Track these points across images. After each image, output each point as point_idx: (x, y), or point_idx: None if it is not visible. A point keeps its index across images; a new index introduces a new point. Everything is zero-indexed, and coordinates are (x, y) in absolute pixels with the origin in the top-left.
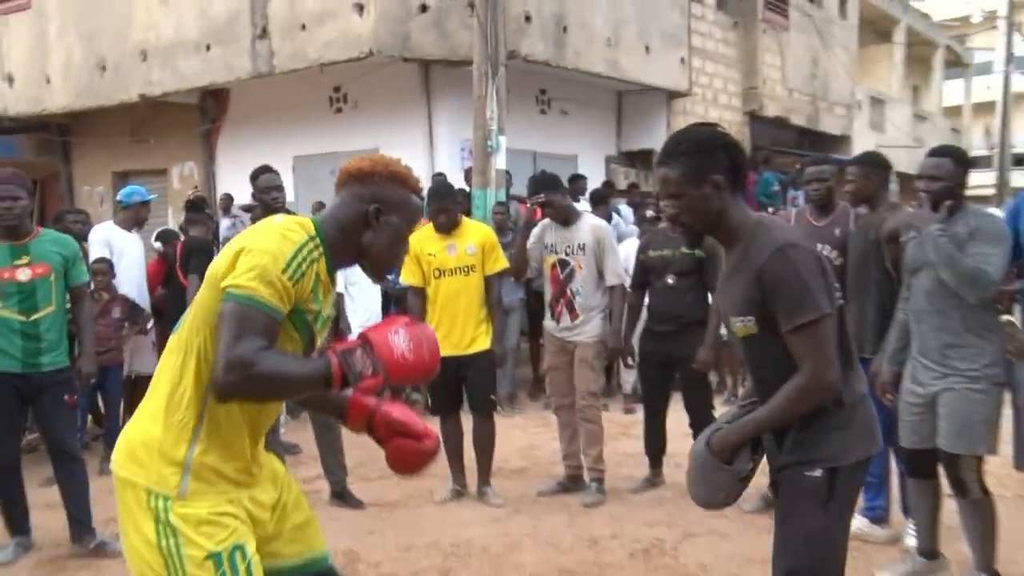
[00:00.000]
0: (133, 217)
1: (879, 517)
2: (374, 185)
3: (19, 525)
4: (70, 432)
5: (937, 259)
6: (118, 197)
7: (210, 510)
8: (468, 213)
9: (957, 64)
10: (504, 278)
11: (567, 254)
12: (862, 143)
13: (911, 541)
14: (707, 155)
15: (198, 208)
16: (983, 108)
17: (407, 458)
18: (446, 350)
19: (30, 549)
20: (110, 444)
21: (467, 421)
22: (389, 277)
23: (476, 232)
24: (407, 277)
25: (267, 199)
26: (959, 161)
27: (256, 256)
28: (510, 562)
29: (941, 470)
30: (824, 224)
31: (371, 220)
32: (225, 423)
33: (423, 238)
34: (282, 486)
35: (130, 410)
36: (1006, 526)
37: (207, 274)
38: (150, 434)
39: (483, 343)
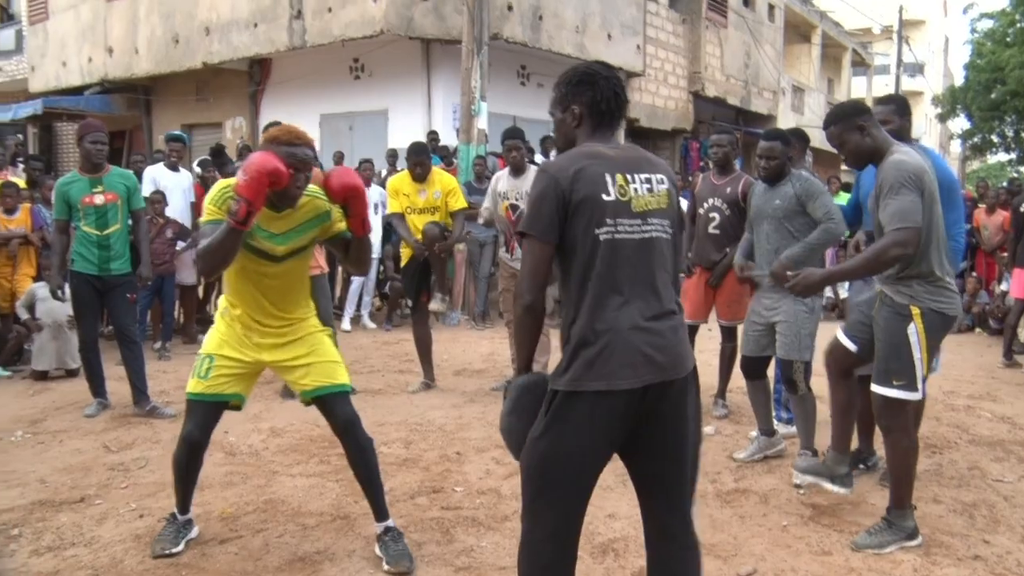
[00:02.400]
0: (176, 155)
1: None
2: (262, 148)
3: (99, 390)
4: (131, 321)
5: (802, 257)
6: (165, 136)
7: (216, 331)
8: (451, 164)
9: (862, 64)
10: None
11: (517, 199)
12: (785, 122)
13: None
14: None
15: (220, 153)
16: None
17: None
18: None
19: (107, 408)
20: (166, 336)
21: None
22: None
23: (441, 181)
24: (392, 208)
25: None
26: (786, 142)
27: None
28: (460, 437)
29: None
30: (722, 183)
31: None
32: (235, 291)
33: (402, 182)
34: (303, 338)
35: (186, 313)
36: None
37: None
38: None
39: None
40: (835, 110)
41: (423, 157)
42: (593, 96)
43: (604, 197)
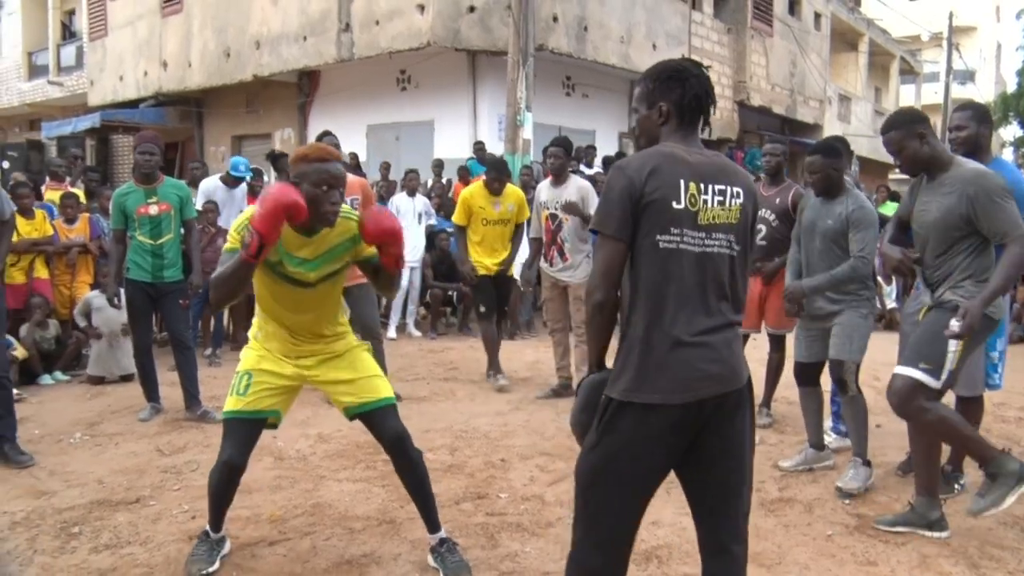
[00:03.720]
0: (233, 181)
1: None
2: (292, 168)
3: (152, 394)
4: (184, 326)
5: (825, 288)
6: (230, 166)
7: (252, 350)
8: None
9: (910, 72)
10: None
11: (556, 209)
12: (831, 131)
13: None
14: None
15: (279, 158)
16: (930, 109)
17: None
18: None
19: (160, 412)
20: (217, 343)
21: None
22: (432, 221)
23: (514, 195)
24: (457, 219)
25: None
26: (828, 153)
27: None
28: (504, 444)
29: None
30: (771, 194)
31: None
32: (268, 314)
33: (476, 194)
34: (342, 356)
35: (235, 319)
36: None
37: None
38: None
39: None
40: (896, 116)
41: (503, 172)
42: (682, 93)
43: (674, 204)
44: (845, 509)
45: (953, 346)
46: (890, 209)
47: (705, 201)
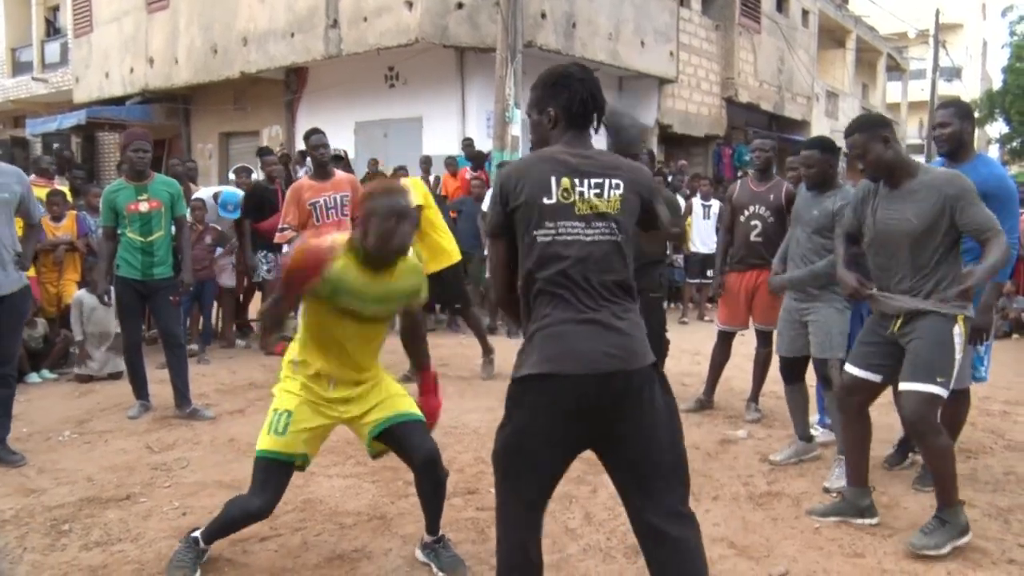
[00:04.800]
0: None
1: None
2: (361, 206)
3: (142, 392)
4: (175, 323)
5: (806, 282)
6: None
7: (291, 390)
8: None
9: (897, 69)
10: None
11: None
12: (819, 127)
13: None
14: None
15: (266, 154)
16: (917, 106)
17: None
18: None
19: (149, 410)
20: (206, 341)
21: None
22: None
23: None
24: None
25: (315, 154)
26: (825, 149)
27: None
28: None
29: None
30: (762, 189)
31: (364, 229)
32: (315, 343)
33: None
34: (368, 395)
35: (225, 317)
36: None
37: None
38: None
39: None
40: (860, 119)
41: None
42: (569, 98)
43: (545, 200)
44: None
45: (959, 354)
46: None
47: (581, 193)
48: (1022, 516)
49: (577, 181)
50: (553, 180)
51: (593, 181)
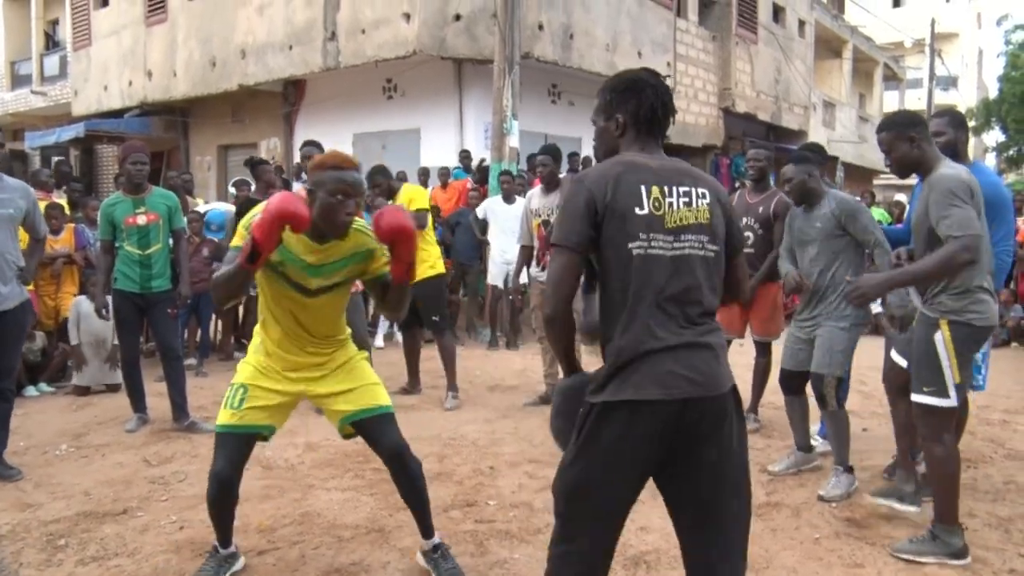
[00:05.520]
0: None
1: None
2: (310, 175)
3: (139, 405)
4: (173, 336)
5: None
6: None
7: (248, 363)
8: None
9: (894, 78)
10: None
11: (548, 216)
12: (816, 137)
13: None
14: None
15: (257, 164)
16: None
17: (278, 212)
18: None
19: (147, 423)
20: (204, 353)
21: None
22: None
23: (406, 194)
24: None
25: (304, 164)
26: (797, 160)
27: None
28: (492, 451)
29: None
30: (755, 201)
31: (310, 200)
32: (270, 319)
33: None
34: (340, 367)
35: (224, 329)
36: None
37: None
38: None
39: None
40: (890, 117)
41: (387, 176)
42: (639, 105)
43: (637, 211)
44: (832, 512)
45: (946, 360)
46: (876, 214)
47: (670, 204)
48: (1023, 526)
49: (667, 190)
50: (643, 189)
51: (681, 190)
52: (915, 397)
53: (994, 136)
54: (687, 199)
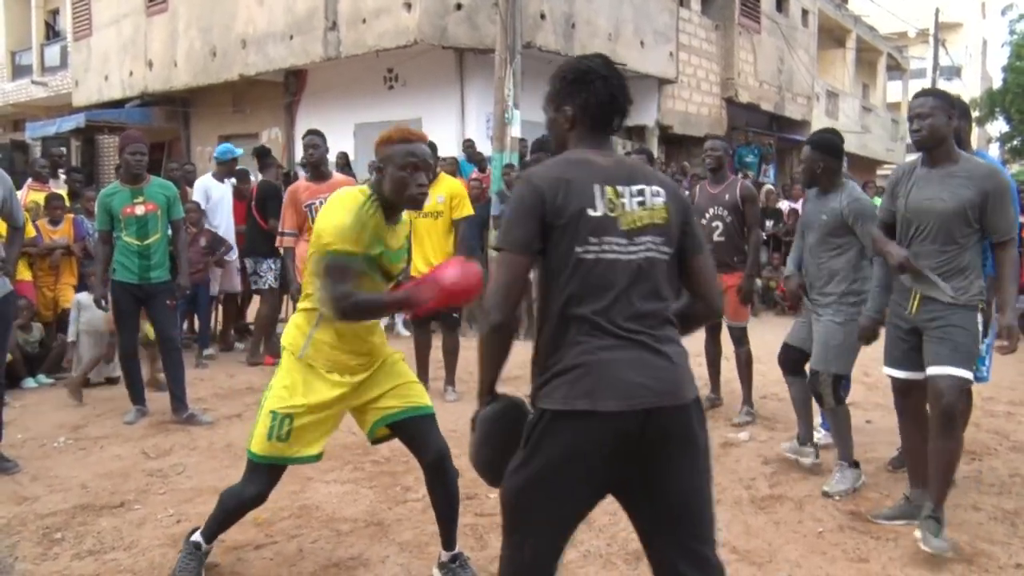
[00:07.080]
0: (225, 170)
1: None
2: (377, 152)
3: (138, 397)
4: (172, 326)
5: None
6: (215, 154)
7: (293, 371)
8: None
9: (897, 68)
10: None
11: None
12: (819, 127)
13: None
14: None
15: (266, 154)
16: None
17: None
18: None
19: (145, 415)
20: (203, 345)
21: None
22: None
23: (446, 186)
24: None
25: (305, 153)
26: (818, 147)
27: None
28: None
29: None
30: (718, 191)
31: (381, 176)
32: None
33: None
34: (380, 367)
35: (225, 320)
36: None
37: (313, 231)
38: (296, 320)
39: None
40: (939, 91)
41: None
42: (587, 98)
43: (590, 212)
44: (836, 506)
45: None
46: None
47: (624, 204)
48: None
49: (620, 190)
50: (597, 189)
51: (635, 188)
52: (963, 372)
53: (998, 126)
54: (641, 198)
